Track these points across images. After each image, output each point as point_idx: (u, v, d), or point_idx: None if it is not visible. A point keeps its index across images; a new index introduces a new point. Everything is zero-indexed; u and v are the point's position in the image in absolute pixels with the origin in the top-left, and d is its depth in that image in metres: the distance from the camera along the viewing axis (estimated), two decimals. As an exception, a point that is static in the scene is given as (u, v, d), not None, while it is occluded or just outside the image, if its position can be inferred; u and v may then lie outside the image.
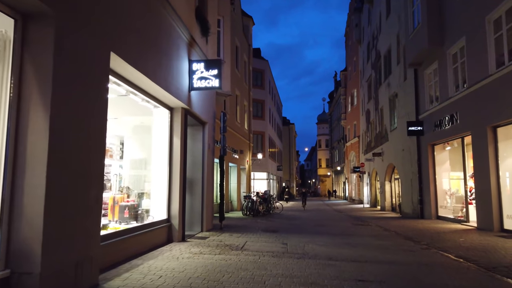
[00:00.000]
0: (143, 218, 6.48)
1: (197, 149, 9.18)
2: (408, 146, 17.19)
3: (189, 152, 9.12)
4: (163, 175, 7.25)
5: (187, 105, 7.56)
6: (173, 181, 7.27)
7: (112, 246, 5.06)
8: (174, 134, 7.36)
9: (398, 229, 11.32)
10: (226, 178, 18.74)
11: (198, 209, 9.00)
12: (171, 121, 7.36)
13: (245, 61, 24.92)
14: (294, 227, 11.70)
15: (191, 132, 9.21)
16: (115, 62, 4.82)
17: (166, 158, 7.29)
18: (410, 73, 16.76)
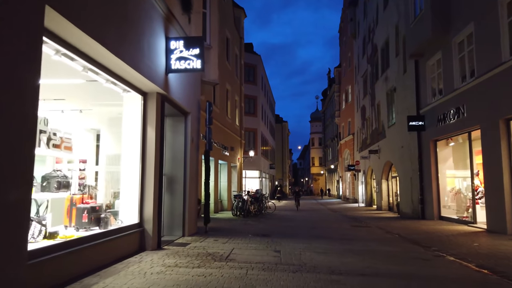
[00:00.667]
0: (107, 223, 5.37)
1: (179, 142, 8.08)
2: (407, 142, 16.28)
3: (168, 146, 8.03)
4: (134, 172, 6.15)
5: (164, 90, 6.45)
6: (146, 179, 6.18)
7: (56, 261, 3.96)
8: (148, 124, 6.26)
9: (400, 231, 10.37)
10: (215, 177, 17.64)
11: (179, 211, 7.91)
12: (144, 109, 6.26)
13: (236, 54, 23.81)
14: (288, 229, 10.68)
15: (171, 123, 8.11)
16: (57, 23, 3.71)
17: (138, 152, 6.18)
18: (410, 65, 15.84)
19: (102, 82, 5.35)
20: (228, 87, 20.92)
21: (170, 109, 7.55)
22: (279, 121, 59.20)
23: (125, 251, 5.64)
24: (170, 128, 8.09)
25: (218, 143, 18.03)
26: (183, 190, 7.96)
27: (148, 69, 5.78)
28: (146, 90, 6.22)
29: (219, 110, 18.57)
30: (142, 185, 6.13)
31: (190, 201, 8.25)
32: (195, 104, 8.80)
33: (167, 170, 7.99)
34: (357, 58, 30.78)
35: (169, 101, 7.03)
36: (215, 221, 13.08)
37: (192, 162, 8.42)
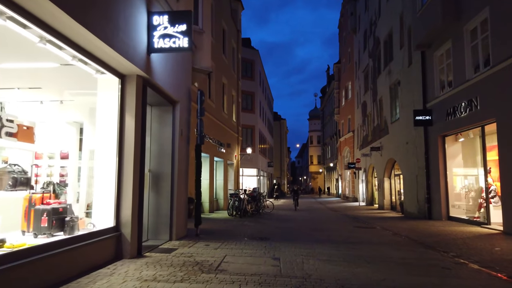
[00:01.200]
0: (74, 228, 4.50)
1: (166, 135, 7.20)
2: (413, 138, 15.46)
3: (154, 138, 7.16)
4: (110, 168, 5.27)
5: (146, 72, 5.57)
6: (124, 175, 5.30)
7: None
8: (126, 112, 5.39)
9: (409, 233, 9.54)
10: (211, 174, 16.77)
11: (165, 212, 7.04)
12: (122, 94, 5.38)
13: (233, 47, 22.91)
14: (287, 231, 9.83)
15: (157, 113, 7.23)
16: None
17: (114, 144, 5.31)
18: (416, 57, 15.00)
19: (68, 59, 4.47)
20: (224, 81, 20.03)
21: (155, 97, 6.67)
22: (277, 119, 58.34)
23: (97, 260, 4.77)
24: (156, 118, 7.21)
25: (213, 139, 17.13)
26: (170, 188, 7.10)
27: (125, 46, 4.90)
28: (124, 71, 5.34)
29: (214, 104, 17.70)
30: (119, 182, 5.26)
31: (179, 201, 7.38)
32: (185, 93, 7.91)
33: (153, 166, 7.12)
34: (357, 53, 29.95)
35: (153, 87, 6.14)
36: (209, 221, 12.22)
37: (181, 157, 7.55)
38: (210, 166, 16.69)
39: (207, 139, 16.22)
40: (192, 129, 8.52)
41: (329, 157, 52.17)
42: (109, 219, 5.18)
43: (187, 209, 7.61)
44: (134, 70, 5.34)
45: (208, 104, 16.55)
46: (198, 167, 7.92)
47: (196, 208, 7.88)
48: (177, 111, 7.29)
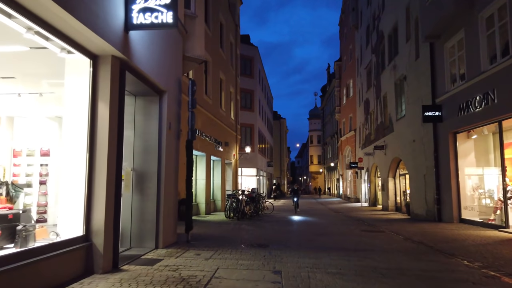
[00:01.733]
0: (28, 239, 3.65)
1: (152, 129, 6.35)
2: (420, 136, 14.62)
3: (139, 133, 6.32)
4: (78, 166, 4.43)
5: (123, 53, 4.72)
6: (96, 175, 4.45)
7: None
8: (99, 99, 4.54)
9: (422, 238, 8.71)
10: (207, 174, 15.92)
11: (151, 216, 6.19)
12: (94, 78, 4.53)
13: (231, 42, 22.07)
14: (289, 236, 8.99)
15: (142, 104, 6.39)
16: None
17: (84, 138, 4.46)
18: (424, 50, 14.17)
19: (22, 31, 3.62)
20: (222, 77, 19.18)
21: (138, 85, 5.83)
22: (277, 118, 57.50)
23: (60, 277, 3.93)
24: (141, 110, 6.36)
25: (210, 137, 16.31)
26: (157, 189, 6.25)
27: (93, 16, 4.04)
28: (96, 51, 4.49)
29: (211, 101, 16.85)
30: (89, 183, 4.40)
31: (167, 203, 6.53)
32: (174, 82, 7.06)
33: (137, 164, 6.27)
34: (359, 49, 29.14)
35: (134, 72, 5.29)
36: (204, 225, 11.37)
37: (170, 154, 6.70)
38: (206, 166, 15.85)
39: (203, 137, 15.41)
40: (183, 124, 7.66)
41: (329, 157, 51.36)
42: (78, 226, 4.34)
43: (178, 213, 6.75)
44: (108, 50, 4.49)
45: (204, 100, 15.71)
46: (189, 165, 7.07)
47: (187, 211, 7.03)
48: (165, 102, 6.44)
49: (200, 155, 15.60)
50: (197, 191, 15.58)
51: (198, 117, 14.65)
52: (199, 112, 14.79)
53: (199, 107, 14.70)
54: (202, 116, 15.19)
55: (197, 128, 14.40)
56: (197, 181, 15.64)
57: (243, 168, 28.68)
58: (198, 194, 15.58)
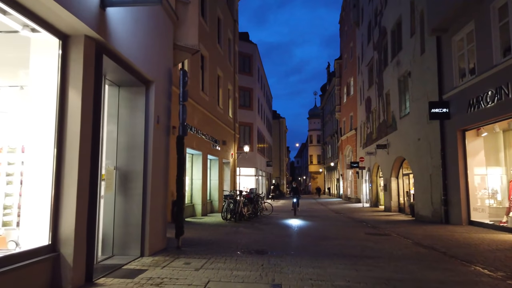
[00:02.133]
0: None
1: (137, 123, 5.72)
2: (425, 134, 14.01)
3: (123, 127, 5.69)
4: (44, 164, 3.80)
5: (99, 33, 4.09)
6: (65, 174, 3.82)
7: None
8: (70, 86, 3.91)
9: (432, 242, 8.09)
10: (204, 174, 15.29)
11: (136, 221, 5.56)
12: (63, 60, 3.90)
13: (229, 38, 21.44)
14: (289, 241, 8.36)
15: (126, 96, 5.75)
16: None
17: (51, 131, 3.83)
18: (430, 44, 13.56)
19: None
20: (219, 73, 18.56)
21: (120, 73, 5.19)
22: (276, 117, 56.87)
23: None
24: (125, 102, 5.73)
25: (207, 135, 15.69)
26: (142, 190, 5.61)
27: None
28: (66, 30, 3.85)
29: (208, 97, 16.22)
30: (57, 184, 3.76)
31: (155, 206, 5.90)
32: (164, 72, 6.42)
33: (121, 162, 5.64)
34: (360, 47, 28.56)
35: (113, 56, 4.65)
36: (199, 227, 10.74)
37: (158, 150, 6.07)
38: (203, 165, 15.22)
39: (199, 135, 14.78)
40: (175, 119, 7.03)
41: (329, 157, 50.78)
42: (43, 234, 3.71)
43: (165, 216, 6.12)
44: (81, 29, 3.86)
45: (201, 96, 15.08)
46: (181, 163, 6.44)
47: (177, 214, 6.39)
48: (152, 93, 5.80)
49: (196, 154, 14.98)
50: (193, 192, 14.96)
51: (194, 114, 14.02)
52: (195, 109, 14.17)
53: (195, 104, 14.08)
54: (198, 113, 14.57)
55: (193, 125, 13.78)
56: (193, 181, 15.02)
57: (241, 168, 28.06)
58: (194, 194, 14.96)
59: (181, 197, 6.38)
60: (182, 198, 6.42)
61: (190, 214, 14.21)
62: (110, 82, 5.55)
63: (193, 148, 13.88)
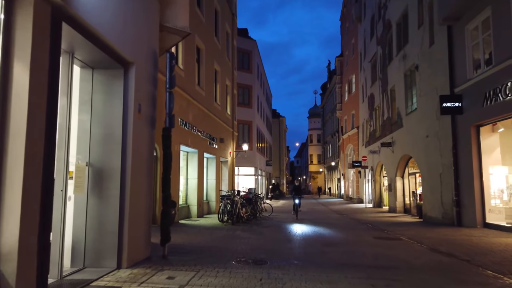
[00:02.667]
0: None
1: (114, 112, 4.88)
2: (435, 130, 13.19)
3: (97, 117, 4.85)
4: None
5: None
6: (6, 170, 2.99)
7: None
8: (15, 59, 3.08)
9: (449, 247, 7.27)
10: (200, 173, 14.45)
11: (112, 226, 4.72)
12: (6, 27, 3.06)
13: (227, 32, 20.60)
14: (291, 247, 7.52)
15: (101, 80, 4.91)
16: None
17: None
18: (440, 35, 12.74)
19: None
20: (216, 67, 17.71)
21: (92, 52, 4.36)
22: (276, 116, 56.02)
23: None
24: (100, 87, 4.88)
25: (203, 132, 14.86)
26: (120, 190, 4.78)
27: None
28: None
29: (204, 92, 15.39)
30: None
31: (135, 208, 5.06)
32: (147, 53, 5.58)
33: (95, 158, 4.80)
34: (362, 42, 27.73)
35: (77, 25, 3.80)
36: (192, 231, 9.89)
37: (139, 144, 5.23)
38: (199, 164, 14.38)
39: (195, 132, 13.94)
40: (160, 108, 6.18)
41: (330, 156, 49.96)
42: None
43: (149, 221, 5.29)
44: (29, -15, 3.03)
45: (196, 91, 14.24)
46: (167, 160, 5.59)
47: (162, 218, 5.55)
48: (131, 77, 4.96)
49: (191, 151, 14.14)
50: (188, 192, 14.12)
51: (189, 109, 13.18)
52: (190, 104, 13.33)
53: (190, 99, 13.24)
54: (193, 108, 13.74)
55: (187, 121, 12.95)
56: (188, 181, 14.19)
57: (240, 167, 27.24)
58: (189, 195, 14.12)
59: (167, 199, 5.53)
60: (169, 199, 5.57)
61: (185, 215, 13.38)
62: (81, 63, 4.72)
63: (188, 146, 13.05)
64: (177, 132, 12.00)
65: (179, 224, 11.19)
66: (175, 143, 11.84)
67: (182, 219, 12.68)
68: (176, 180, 12.00)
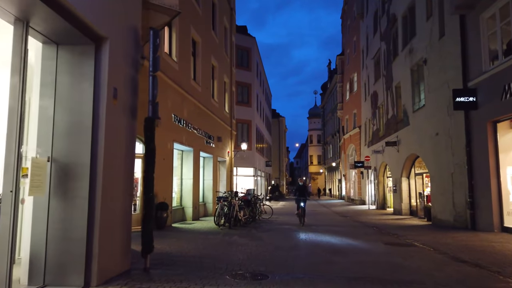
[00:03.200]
0: None
1: (84, 97, 4.05)
2: (446, 128, 12.37)
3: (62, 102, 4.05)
4: None
5: None
6: None
7: None
8: None
9: (472, 256, 6.45)
10: (195, 173, 13.62)
11: (79, 234, 3.89)
12: None
13: (225, 27, 19.79)
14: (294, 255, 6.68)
15: (67, 58, 4.09)
16: None
17: None
18: (451, 25, 11.94)
19: None
20: (214, 63, 16.89)
21: (53, 20, 3.54)
22: (275, 116, 55.21)
23: None
24: (66, 67, 4.06)
25: (199, 130, 14.03)
26: (89, 191, 3.95)
27: None
28: None
29: (201, 88, 14.57)
30: None
31: (108, 213, 4.22)
32: (125, 29, 4.74)
33: (59, 152, 3.97)
34: (365, 39, 26.95)
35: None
36: (185, 236, 9.04)
37: (115, 136, 4.39)
38: (194, 163, 13.55)
39: (190, 129, 13.11)
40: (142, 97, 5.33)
41: (330, 157, 49.15)
42: None
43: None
44: None
45: (192, 86, 13.42)
46: (150, 155, 4.76)
47: (144, 224, 4.69)
48: (105, 55, 4.13)
49: (186, 150, 13.31)
50: (182, 193, 13.28)
51: (183, 105, 12.36)
52: (185, 99, 12.50)
53: (185, 94, 12.42)
54: (188, 104, 12.91)
55: (182, 117, 12.12)
56: (182, 181, 13.35)
57: (239, 168, 26.42)
58: (184, 196, 13.28)
59: (150, 201, 4.69)
60: (152, 202, 4.73)
61: (180, 218, 12.54)
62: (43, 37, 3.89)
63: (183, 144, 12.23)
64: (171, 128, 11.17)
65: (172, 228, 10.35)
66: (168, 140, 11.01)
67: (176, 222, 11.84)
68: (169, 180, 11.17)
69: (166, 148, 10.80)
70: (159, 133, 10.35)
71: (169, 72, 10.98)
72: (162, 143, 10.50)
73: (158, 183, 10.32)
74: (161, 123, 10.13)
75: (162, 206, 9.78)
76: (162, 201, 9.91)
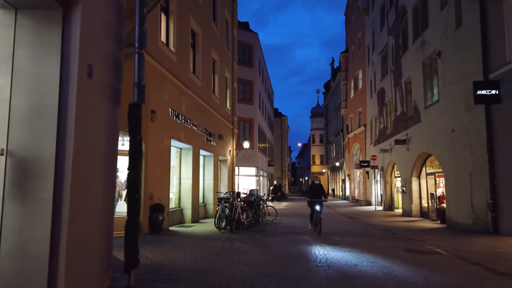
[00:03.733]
0: None
1: (49, 75, 3.24)
2: (463, 124, 11.51)
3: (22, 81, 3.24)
4: None
5: None
6: None
7: None
8: None
9: (508, 266, 5.60)
10: (194, 172, 12.79)
11: (41, 246, 3.07)
12: None
13: (227, 19, 18.97)
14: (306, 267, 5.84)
15: (29, 27, 3.27)
16: None
17: None
18: (470, 14, 11.07)
19: None
20: (214, 56, 16.08)
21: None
22: (278, 115, 54.35)
23: None
24: (27, 38, 3.24)
25: (198, 127, 13.22)
26: (53, 192, 3.14)
27: None
28: None
29: (201, 82, 13.75)
30: None
31: (80, 219, 3.40)
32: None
33: (16, 143, 3.16)
34: (371, 35, 26.09)
35: None
36: (181, 241, 8.20)
37: (89, 124, 3.57)
38: (194, 161, 12.72)
39: (189, 125, 12.29)
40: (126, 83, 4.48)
41: (333, 156, 48.24)
42: None
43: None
44: None
45: (191, 79, 12.61)
46: (135, 149, 3.94)
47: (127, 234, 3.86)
48: (75, 22, 3.32)
49: (185, 147, 12.49)
50: (181, 194, 12.46)
51: (181, 99, 11.54)
52: (183, 93, 11.69)
53: (183, 87, 11.60)
54: (187, 98, 12.09)
55: (180, 112, 11.31)
56: (181, 181, 12.53)
57: (241, 167, 25.59)
58: (182, 197, 12.46)
59: (136, 205, 3.86)
60: (137, 205, 3.90)
61: (178, 221, 11.72)
62: None
63: (181, 141, 11.41)
64: (168, 123, 10.36)
65: (168, 232, 9.53)
66: (165, 136, 10.21)
67: (173, 225, 11.02)
68: (166, 180, 10.36)
69: (162, 145, 9.99)
70: (155, 129, 9.55)
71: (166, 63, 10.17)
72: (158, 139, 9.69)
73: (154, 183, 9.55)
74: (156, 117, 9.33)
75: (157, 208, 8.96)
76: (157, 203, 9.09)
